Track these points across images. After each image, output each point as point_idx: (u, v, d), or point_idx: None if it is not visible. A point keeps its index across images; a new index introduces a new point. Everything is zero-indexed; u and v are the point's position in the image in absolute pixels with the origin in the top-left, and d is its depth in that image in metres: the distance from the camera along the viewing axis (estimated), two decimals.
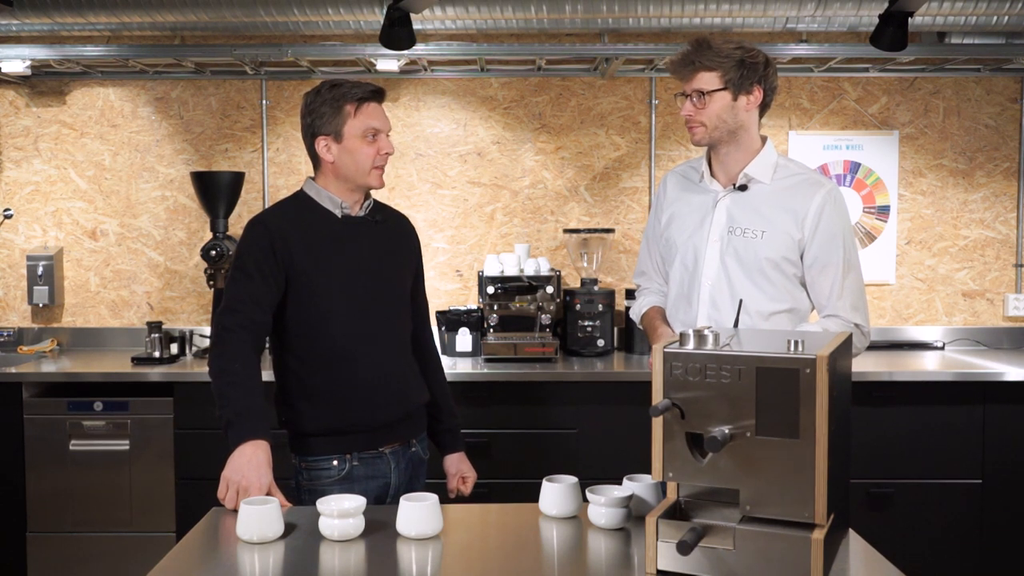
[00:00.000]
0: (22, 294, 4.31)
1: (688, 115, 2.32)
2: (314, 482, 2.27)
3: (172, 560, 1.80)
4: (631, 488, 1.97)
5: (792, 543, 1.57)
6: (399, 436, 2.36)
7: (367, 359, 2.29)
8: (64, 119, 4.30)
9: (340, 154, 2.27)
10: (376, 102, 2.30)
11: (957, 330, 4.29)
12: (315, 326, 2.26)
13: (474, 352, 3.95)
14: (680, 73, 2.32)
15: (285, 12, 3.64)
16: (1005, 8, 3.58)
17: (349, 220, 2.33)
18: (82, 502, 3.62)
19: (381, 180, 2.32)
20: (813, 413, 1.55)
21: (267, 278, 2.22)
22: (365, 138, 2.26)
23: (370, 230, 2.35)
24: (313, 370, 2.27)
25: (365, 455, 2.29)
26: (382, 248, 2.37)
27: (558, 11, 3.67)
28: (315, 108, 2.27)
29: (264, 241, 2.24)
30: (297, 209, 2.32)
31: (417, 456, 2.43)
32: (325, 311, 2.26)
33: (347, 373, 2.27)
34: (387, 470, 2.33)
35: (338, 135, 2.26)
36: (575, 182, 4.31)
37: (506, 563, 1.82)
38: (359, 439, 2.29)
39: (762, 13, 3.65)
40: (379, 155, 2.28)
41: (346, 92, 2.26)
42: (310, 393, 2.27)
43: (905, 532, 3.60)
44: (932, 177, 4.31)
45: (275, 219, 2.29)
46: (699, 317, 2.35)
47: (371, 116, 2.27)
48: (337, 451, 2.27)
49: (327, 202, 2.32)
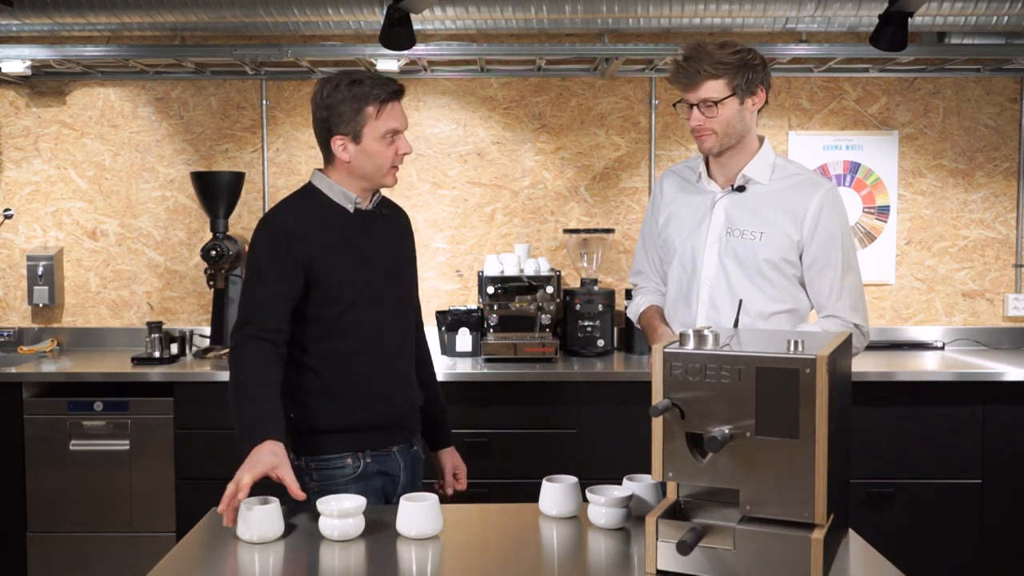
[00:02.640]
0: (22, 294, 4.31)
1: (698, 125, 2.27)
2: (327, 482, 2.19)
3: (172, 560, 1.80)
4: (631, 488, 1.97)
5: (792, 543, 1.57)
6: (405, 435, 2.35)
7: (382, 355, 2.26)
8: (64, 119, 4.30)
9: (357, 155, 2.20)
10: (398, 101, 2.22)
11: (957, 330, 4.29)
12: (332, 322, 2.21)
13: (474, 352, 3.95)
14: (683, 83, 2.26)
15: (285, 12, 3.64)
16: (1005, 8, 3.58)
17: (360, 214, 2.28)
18: (82, 502, 3.62)
19: (395, 178, 2.27)
20: (813, 413, 1.55)
21: (283, 278, 2.15)
22: (385, 139, 2.19)
23: (379, 224, 2.32)
24: (329, 366, 2.21)
25: (377, 453, 2.26)
26: (390, 242, 2.34)
27: (558, 11, 3.67)
28: (333, 105, 2.18)
29: (279, 240, 2.17)
30: (309, 204, 2.25)
31: (417, 455, 2.41)
32: (343, 307, 2.21)
33: (363, 370, 2.23)
34: (397, 468, 2.31)
35: (357, 136, 2.18)
36: (575, 182, 4.31)
37: (506, 563, 1.82)
38: (372, 437, 2.25)
39: (762, 13, 3.65)
40: (397, 156, 2.23)
41: (368, 92, 2.16)
42: (326, 390, 2.21)
43: (905, 532, 3.60)
44: (932, 177, 4.31)
45: (289, 216, 2.22)
46: (698, 318, 2.35)
47: (392, 117, 2.19)
48: (350, 449, 2.22)
49: (339, 196, 2.25)
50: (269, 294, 2.15)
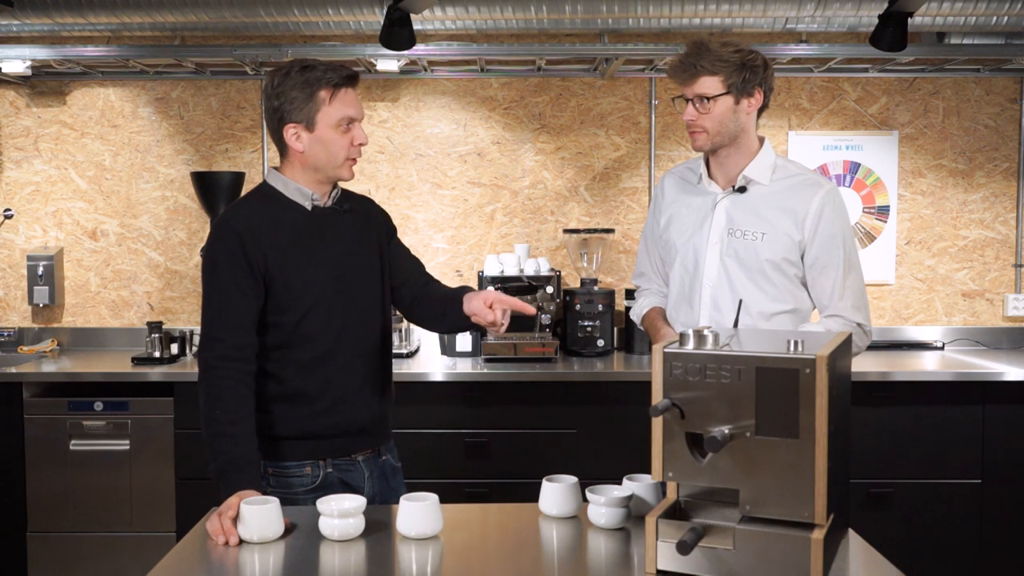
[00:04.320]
0: (22, 294, 4.31)
1: (691, 120, 2.29)
2: (283, 490, 2.12)
3: (172, 560, 1.80)
4: (631, 488, 1.97)
5: (792, 543, 1.57)
6: (371, 442, 2.26)
7: (345, 359, 2.18)
8: (64, 119, 4.30)
9: (311, 144, 2.11)
10: (352, 87, 2.13)
11: (957, 330, 4.29)
12: (292, 327, 2.13)
13: (474, 352, 3.95)
14: (680, 77, 2.29)
15: (285, 12, 3.64)
16: (1005, 8, 3.58)
17: (319, 212, 2.18)
18: (82, 502, 3.63)
19: (352, 172, 2.17)
20: (813, 413, 1.55)
21: (244, 291, 2.08)
22: (339, 127, 2.11)
23: (340, 221, 2.21)
24: (290, 372, 2.14)
25: (339, 461, 2.19)
26: (353, 239, 2.23)
27: (558, 11, 3.67)
28: (284, 91, 2.09)
29: (235, 248, 2.08)
30: (265, 205, 2.16)
31: (389, 465, 2.31)
32: (302, 311, 2.13)
33: (324, 375, 2.15)
34: (361, 479, 2.22)
35: (310, 123, 2.09)
36: (575, 182, 4.32)
37: (506, 563, 1.82)
38: (335, 443, 2.17)
39: (762, 13, 3.65)
40: (353, 146, 2.14)
41: (320, 77, 2.08)
42: (287, 395, 2.14)
43: (905, 532, 3.60)
44: (932, 177, 4.31)
45: (243, 220, 2.12)
46: (701, 319, 2.35)
47: (347, 104, 2.11)
48: (311, 456, 2.15)
49: (295, 194, 2.16)
50: (232, 307, 2.08)
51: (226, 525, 1.86)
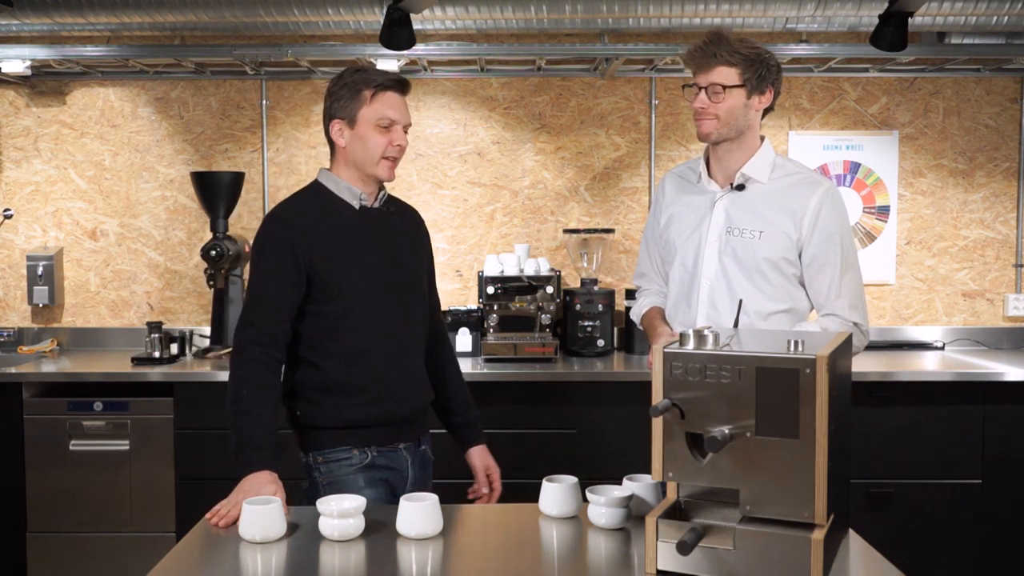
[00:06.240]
0: (22, 294, 4.31)
1: (702, 107, 2.29)
2: (334, 473, 2.22)
3: (172, 560, 1.80)
4: (631, 488, 1.97)
5: (792, 543, 1.57)
6: (413, 433, 2.35)
7: (389, 353, 2.27)
8: (64, 119, 4.30)
9: (351, 140, 2.23)
10: (397, 92, 2.24)
11: (957, 330, 4.29)
12: (337, 321, 2.22)
13: (474, 352, 3.95)
14: (697, 64, 2.28)
15: (285, 12, 3.64)
16: (1005, 8, 3.58)
17: (367, 212, 2.29)
18: (82, 502, 3.62)
19: (391, 173, 2.27)
20: (813, 413, 1.55)
21: (285, 281, 2.18)
22: (378, 126, 2.21)
23: (387, 222, 2.32)
24: (334, 364, 2.22)
25: (384, 449, 2.27)
26: (399, 240, 2.34)
27: (558, 11, 3.67)
28: (335, 91, 2.24)
29: (283, 240, 2.19)
30: (315, 202, 2.27)
31: (426, 455, 2.41)
32: (348, 305, 2.22)
33: (369, 367, 2.24)
34: (404, 465, 2.31)
35: (352, 120, 2.22)
36: (575, 182, 4.32)
37: (506, 563, 1.82)
38: (379, 433, 2.26)
39: (762, 13, 3.65)
40: (391, 146, 2.23)
41: (367, 77, 2.22)
42: (330, 387, 2.23)
43: (905, 532, 3.60)
44: (932, 177, 4.31)
45: (293, 214, 2.24)
46: (698, 317, 2.35)
47: (388, 105, 2.22)
48: (357, 444, 2.24)
49: (345, 193, 2.27)
50: (272, 294, 2.19)
51: (224, 511, 1.97)
